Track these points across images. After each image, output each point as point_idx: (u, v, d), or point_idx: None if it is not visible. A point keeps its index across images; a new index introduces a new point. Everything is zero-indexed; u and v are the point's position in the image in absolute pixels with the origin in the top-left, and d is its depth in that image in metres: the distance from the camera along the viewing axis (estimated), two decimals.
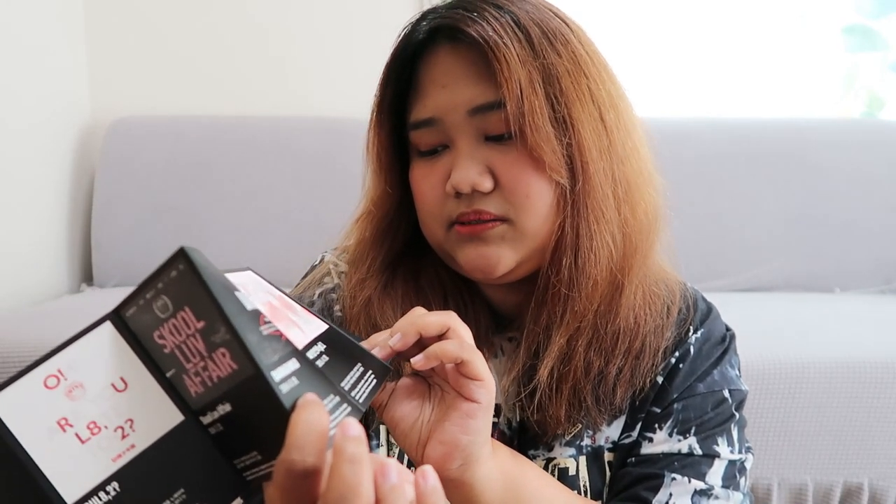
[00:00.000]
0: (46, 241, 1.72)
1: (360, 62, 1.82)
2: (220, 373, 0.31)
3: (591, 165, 0.53)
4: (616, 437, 0.60)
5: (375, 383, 0.42)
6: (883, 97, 2.09)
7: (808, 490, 1.25)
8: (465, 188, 0.53)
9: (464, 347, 0.44)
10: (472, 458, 0.45)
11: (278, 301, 0.42)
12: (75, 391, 0.32)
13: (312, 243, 0.71)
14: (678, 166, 1.76)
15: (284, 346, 0.34)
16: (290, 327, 0.38)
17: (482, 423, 0.45)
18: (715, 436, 0.58)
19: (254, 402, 0.31)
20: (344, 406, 0.36)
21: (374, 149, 0.60)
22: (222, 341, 0.31)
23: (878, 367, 1.22)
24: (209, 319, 0.31)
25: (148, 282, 0.33)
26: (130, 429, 0.32)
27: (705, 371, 0.60)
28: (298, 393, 0.31)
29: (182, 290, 0.31)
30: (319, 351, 0.39)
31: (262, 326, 0.33)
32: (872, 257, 1.78)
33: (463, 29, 0.52)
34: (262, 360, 0.30)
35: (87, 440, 0.32)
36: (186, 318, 0.32)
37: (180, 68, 1.91)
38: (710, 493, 0.56)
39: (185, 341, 0.32)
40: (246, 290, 0.37)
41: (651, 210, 0.58)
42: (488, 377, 0.45)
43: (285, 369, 0.32)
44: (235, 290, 0.33)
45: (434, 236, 0.59)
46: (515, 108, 0.51)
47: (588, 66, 0.54)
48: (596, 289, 0.55)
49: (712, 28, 2.01)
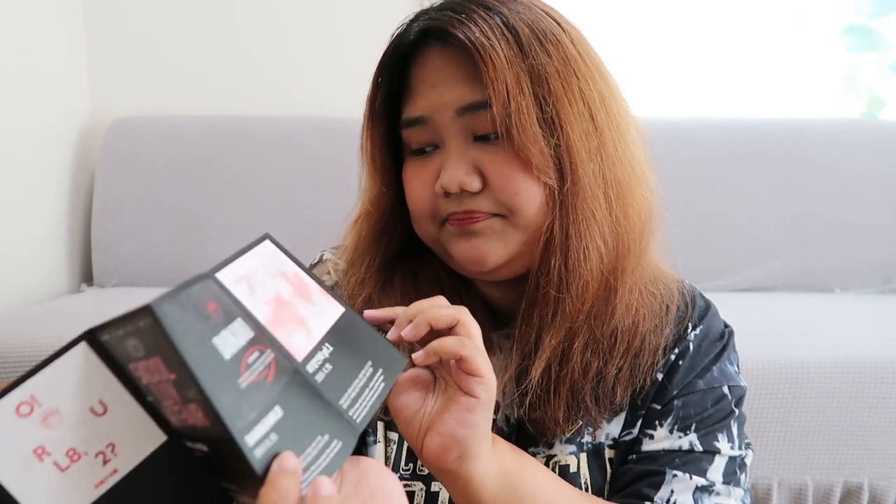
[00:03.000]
0: (46, 241, 1.72)
1: (360, 62, 1.80)
2: (193, 420, 0.31)
3: (580, 166, 0.53)
4: (617, 434, 0.60)
5: (384, 386, 0.40)
6: (883, 97, 2.09)
7: (808, 490, 1.25)
8: (453, 188, 0.54)
9: (464, 344, 0.44)
10: (470, 452, 0.46)
11: (292, 286, 0.39)
12: (51, 418, 0.30)
13: (313, 242, 0.71)
14: (678, 166, 1.76)
15: (268, 394, 0.32)
16: (296, 330, 0.36)
17: (481, 417, 0.45)
18: (715, 432, 0.58)
19: (229, 452, 0.30)
20: (334, 444, 0.35)
21: (367, 149, 0.61)
22: (194, 398, 0.30)
23: (878, 367, 1.22)
24: (180, 375, 0.30)
25: (120, 320, 0.30)
26: (112, 453, 0.31)
27: (705, 367, 0.60)
28: (276, 451, 0.30)
29: (153, 341, 0.30)
30: (324, 358, 0.37)
31: (241, 378, 0.31)
32: (872, 257, 1.78)
33: (451, 31, 0.53)
34: (234, 425, 0.29)
35: (67, 468, 0.30)
36: (159, 366, 0.30)
37: (180, 68, 1.91)
38: (712, 490, 0.56)
39: (158, 384, 0.31)
40: (251, 286, 0.35)
41: (644, 211, 0.57)
42: (488, 374, 0.45)
43: (263, 426, 0.31)
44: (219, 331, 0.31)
45: (427, 233, 0.59)
46: (502, 109, 0.51)
47: (579, 65, 0.54)
48: (587, 290, 0.55)
49: (712, 28, 2.01)
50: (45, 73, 1.71)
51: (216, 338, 0.31)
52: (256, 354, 0.33)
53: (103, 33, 1.88)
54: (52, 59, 1.75)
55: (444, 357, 0.45)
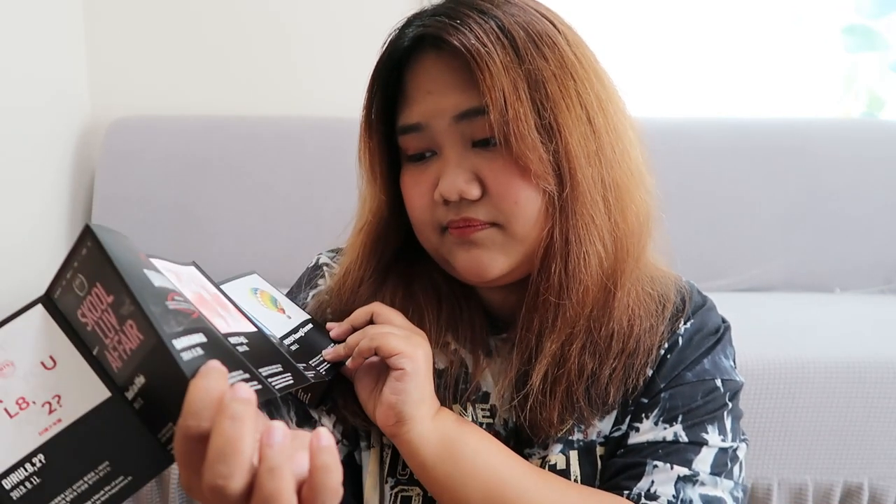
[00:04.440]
0: (46, 241, 1.72)
1: (360, 61, 1.79)
2: (131, 345, 0.33)
3: (579, 171, 0.53)
4: (607, 432, 0.60)
5: (290, 383, 0.43)
6: (883, 97, 2.09)
7: (808, 490, 1.25)
8: (452, 196, 0.53)
9: (373, 337, 0.52)
10: (406, 417, 0.52)
11: (211, 297, 0.44)
12: (6, 369, 0.34)
13: (313, 242, 0.72)
14: (678, 166, 1.76)
15: (193, 322, 0.35)
16: (215, 317, 0.40)
17: (410, 386, 0.51)
18: (704, 423, 0.57)
19: (162, 372, 0.32)
20: (253, 384, 0.37)
21: (365, 158, 0.60)
22: (128, 313, 0.32)
23: (878, 367, 1.22)
24: (116, 293, 0.32)
25: (67, 261, 0.34)
26: (58, 404, 0.34)
27: (695, 360, 0.59)
28: (200, 363, 0.32)
29: (92, 267, 0.33)
30: (241, 341, 0.41)
31: (169, 301, 0.34)
32: (872, 257, 1.79)
33: (445, 38, 0.52)
34: (163, 330, 0.32)
35: (16, 415, 0.33)
36: (99, 294, 0.33)
37: (180, 68, 1.91)
38: (696, 480, 0.55)
39: (100, 317, 0.33)
40: (178, 277, 0.40)
41: (642, 213, 0.57)
42: (405, 349, 0.52)
43: (189, 340, 0.33)
44: (148, 269, 0.35)
45: (428, 241, 0.59)
46: (499, 117, 0.51)
47: (575, 68, 0.54)
48: (587, 294, 0.54)
49: (713, 28, 2.01)
50: (45, 73, 1.71)
51: (146, 270, 0.35)
52: (181, 298, 0.36)
53: (103, 33, 1.88)
54: (52, 59, 1.74)
55: (366, 355, 0.53)
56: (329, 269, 0.68)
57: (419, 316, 0.60)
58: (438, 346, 0.60)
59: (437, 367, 0.60)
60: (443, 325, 0.61)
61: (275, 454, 0.31)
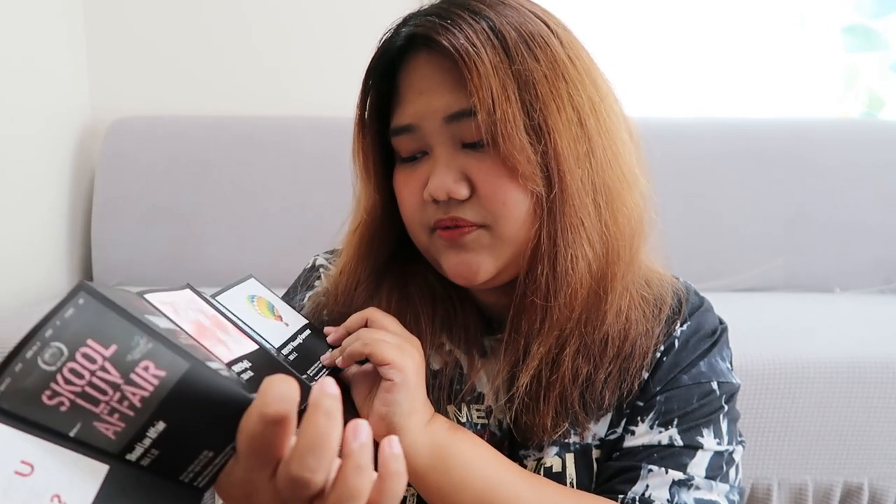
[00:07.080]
0: (46, 241, 1.72)
1: (359, 61, 1.80)
2: (143, 392, 0.31)
3: (568, 173, 0.52)
4: (603, 434, 0.60)
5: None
6: (883, 97, 2.09)
7: (808, 490, 1.25)
8: (441, 196, 0.53)
9: (366, 343, 0.51)
10: (396, 427, 0.51)
11: (210, 321, 0.43)
12: None
13: (312, 243, 0.72)
14: (678, 166, 1.76)
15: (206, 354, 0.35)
16: (216, 346, 0.40)
17: (400, 397, 0.51)
18: (700, 427, 0.57)
19: (194, 400, 0.31)
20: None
21: (360, 157, 0.60)
22: (144, 354, 0.30)
23: (878, 367, 1.22)
24: (122, 340, 0.30)
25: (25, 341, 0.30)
26: (60, 502, 0.31)
27: (691, 363, 0.59)
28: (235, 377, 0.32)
29: (83, 325, 0.30)
30: (244, 367, 0.41)
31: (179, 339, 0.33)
32: (872, 257, 1.78)
33: (436, 38, 0.52)
34: (193, 357, 0.31)
35: None
36: (90, 353, 0.30)
37: (180, 68, 1.91)
38: (690, 484, 0.55)
39: (90, 381, 0.30)
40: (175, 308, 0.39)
41: (635, 216, 0.56)
42: (396, 359, 0.51)
43: (214, 365, 0.33)
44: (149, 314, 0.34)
45: (419, 241, 0.59)
46: (487, 117, 0.50)
47: (567, 69, 0.53)
48: (575, 297, 0.54)
49: (712, 28, 2.01)
50: (45, 72, 1.71)
51: (147, 315, 0.33)
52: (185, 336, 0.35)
53: (103, 33, 1.88)
54: (52, 59, 1.74)
55: (356, 358, 0.52)
56: (325, 271, 0.68)
57: (415, 318, 0.60)
58: (433, 346, 0.60)
59: (432, 367, 0.60)
60: (438, 326, 0.61)
61: (364, 452, 0.32)
